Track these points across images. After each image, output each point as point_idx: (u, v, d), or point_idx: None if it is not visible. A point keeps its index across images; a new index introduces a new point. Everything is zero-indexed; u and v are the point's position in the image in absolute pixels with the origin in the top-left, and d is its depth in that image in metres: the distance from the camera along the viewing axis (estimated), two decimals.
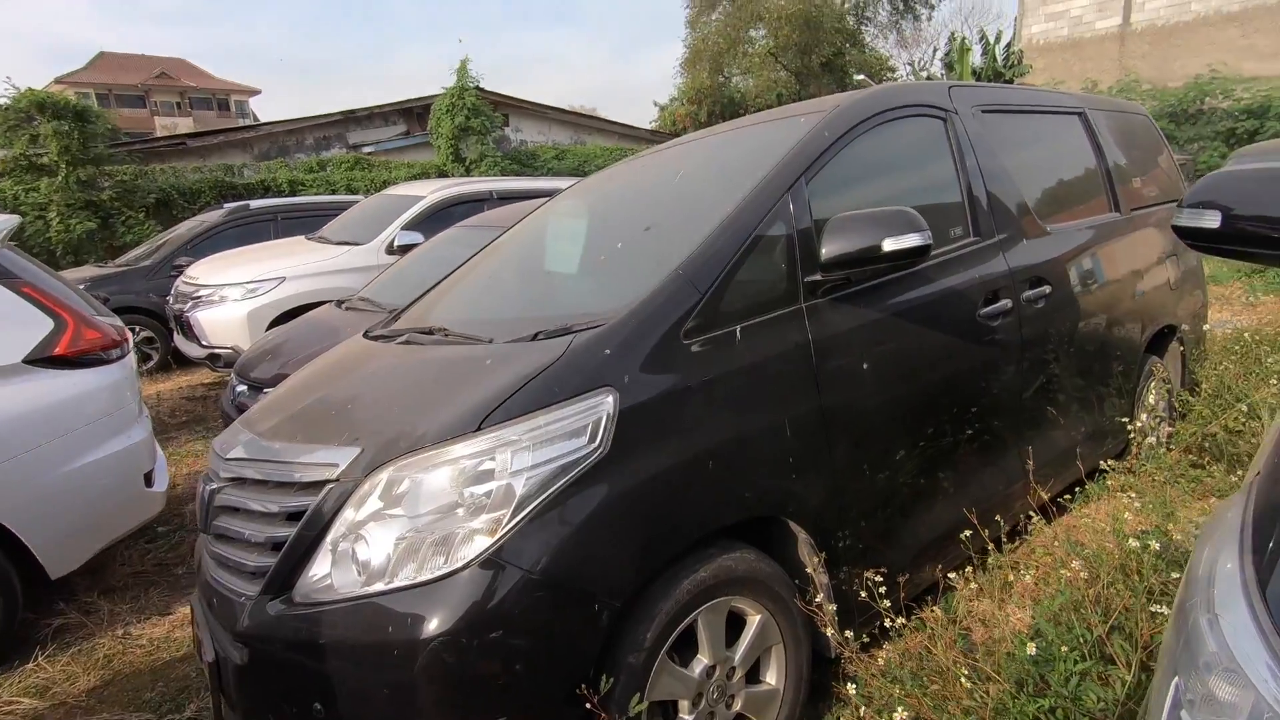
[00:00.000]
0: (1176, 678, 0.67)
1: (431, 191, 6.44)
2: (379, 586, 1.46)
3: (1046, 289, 2.60)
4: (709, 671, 1.71)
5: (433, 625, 1.39)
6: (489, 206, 6.17)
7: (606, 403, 1.57)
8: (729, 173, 2.32)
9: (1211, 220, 1.34)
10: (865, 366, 2.01)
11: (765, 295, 1.87)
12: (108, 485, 2.88)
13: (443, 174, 14.14)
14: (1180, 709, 0.64)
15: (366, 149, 15.00)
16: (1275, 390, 3.19)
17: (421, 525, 1.47)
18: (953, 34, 17.80)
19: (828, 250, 1.90)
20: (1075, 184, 3.14)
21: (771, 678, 1.87)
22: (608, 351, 1.63)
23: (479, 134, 14.56)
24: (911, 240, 1.85)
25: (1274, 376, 3.40)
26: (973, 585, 2.03)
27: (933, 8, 29.81)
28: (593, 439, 1.54)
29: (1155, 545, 1.76)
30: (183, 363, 7.22)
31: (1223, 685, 0.61)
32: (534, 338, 1.78)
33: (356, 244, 6.11)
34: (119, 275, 7.57)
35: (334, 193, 12.58)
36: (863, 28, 27.91)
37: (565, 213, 2.97)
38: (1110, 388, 3.01)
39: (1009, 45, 16.73)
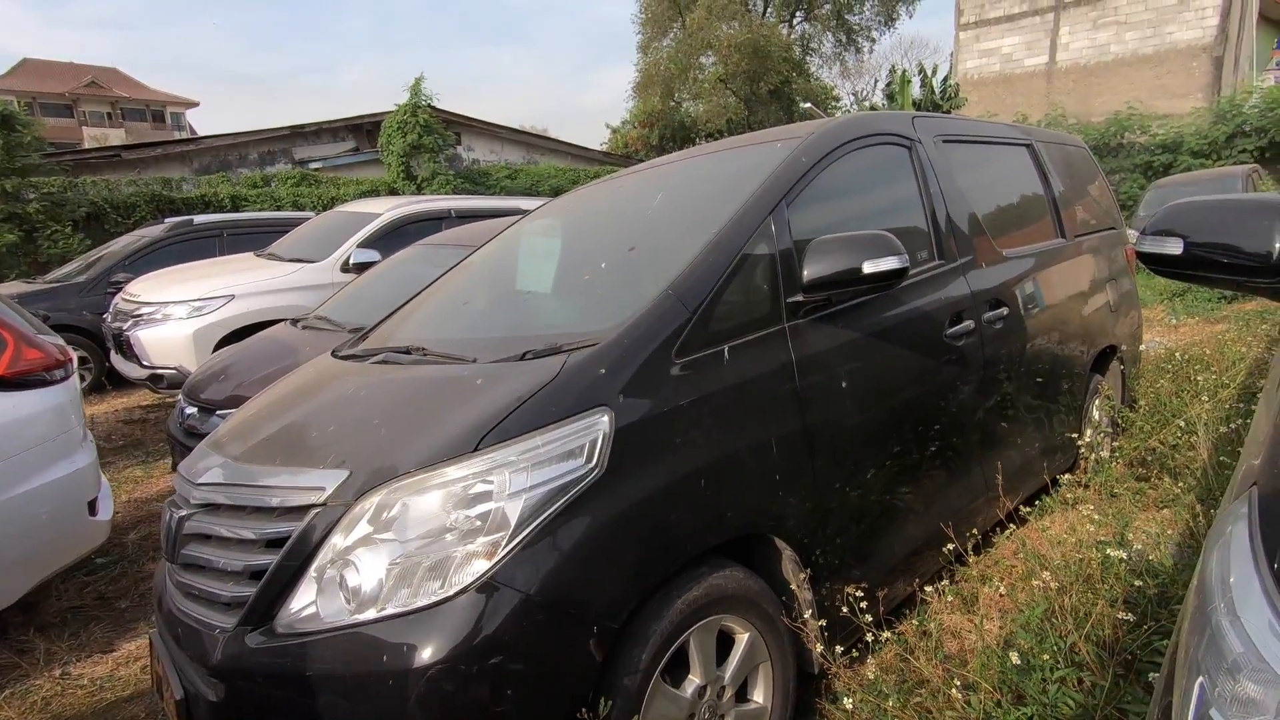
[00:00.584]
0: (1201, 678, 0.71)
1: (388, 209, 6.33)
2: (370, 614, 1.41)
3: (1004, 310, 2.72)
4: (700, 691, 1.71)
5: (429, 653, 1.35)
6: (447, 225, 6.10)
7: (602, 422, 1.56)
8: (709, 195, 2.36)
9: (1174, 247, 1.43)
10: (844, 385, 2.06)
11: (751, 315, 1.91)
12: (49, 514, 2.70)
13: (393, 191, 13.93)
14: (1209, 707, 0.68)
15: (314, 165, 14.67)
16: (1208, 407, 3.40)
17: (414, 550, 1.43)
18: (893, 67, 18.61)
19: (810, 272, 1.94)
20: (1026, 211, 3.31)
21: (759, 696, 1.87)
22: (602, 371, 1.63)
23: (431, 152, 14.44)
24: (890, 263, 1.91)
25: (1205, 393, 3.63)
26: (947, 598, 2.09)
27: (874, 41, 31.22)
28: (589, 459, 1.53)
29: (1124, 555, 1.85)
30: (119, 384, 6.87)
31: (1251, 684, 0.65)
32: (523, 357, 1.76)
33: (310, 261, 5.95)
34: (50, 291, 7.17)
35: (279, 209, 12.23)
36: (808, 58, 28.94)
37: (540, 232, 2.97)
38: (1061, 404, 3.16)
39: (946, 79, 17.55)
